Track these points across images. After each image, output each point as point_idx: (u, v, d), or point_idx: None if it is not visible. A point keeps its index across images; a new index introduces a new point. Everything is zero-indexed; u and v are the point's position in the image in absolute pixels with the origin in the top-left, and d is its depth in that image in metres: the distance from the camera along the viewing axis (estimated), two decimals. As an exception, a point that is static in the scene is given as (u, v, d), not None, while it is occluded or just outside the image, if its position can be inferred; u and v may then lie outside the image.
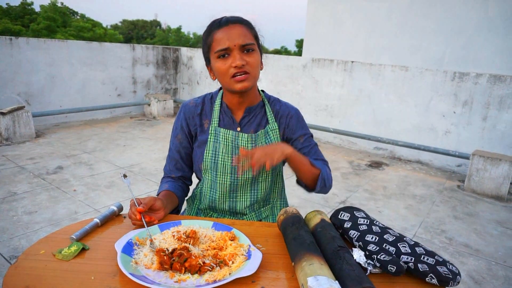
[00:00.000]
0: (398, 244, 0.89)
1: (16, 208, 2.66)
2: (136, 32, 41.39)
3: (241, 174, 1.18)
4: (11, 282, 0.77)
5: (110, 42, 6.61)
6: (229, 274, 0.82)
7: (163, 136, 4.94)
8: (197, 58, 6.71)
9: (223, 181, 1.20)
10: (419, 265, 0.83)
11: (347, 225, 0.98)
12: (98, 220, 1.01)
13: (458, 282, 0.82)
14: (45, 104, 5.15)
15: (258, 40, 1.16)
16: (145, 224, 0.98)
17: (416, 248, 0.88)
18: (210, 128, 1.21)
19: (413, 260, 0.84)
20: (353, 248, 0.90)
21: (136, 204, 1.01)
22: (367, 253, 0.88)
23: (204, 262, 0.84)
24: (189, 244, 0.91)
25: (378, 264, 0.84)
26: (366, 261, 0.85)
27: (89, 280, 0.79)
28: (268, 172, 1.22)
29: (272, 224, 1.11)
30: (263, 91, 1.28)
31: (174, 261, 0.85)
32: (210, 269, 0.84)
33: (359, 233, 0.94)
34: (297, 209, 1.04)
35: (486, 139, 4.07)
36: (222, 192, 1.21)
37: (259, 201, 1.25)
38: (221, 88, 1.25)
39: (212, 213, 1.28)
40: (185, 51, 6.94)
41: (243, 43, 1.08)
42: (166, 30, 45.17)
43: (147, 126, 5.55)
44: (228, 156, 1.19)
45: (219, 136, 1.19)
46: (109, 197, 2.95)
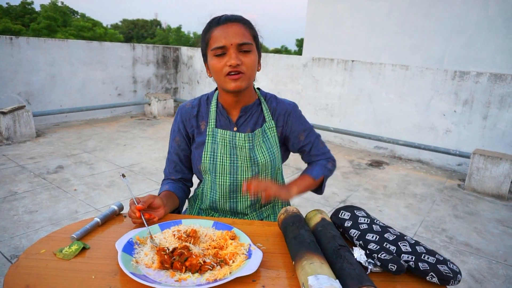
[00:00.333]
0: (399, 243, 0.89)
1: (17, 208, 2.66)
2: (136, 32, 41.37)
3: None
4: (12, 281, 0.77)
5: (110, 41, 6.59)
6: (230, 273, 0.82)
7: (163, 136, 4.94)
8: (197, 58, 6.71)
9: (223, 182, 1.19)
10: (420, 264, 0.83)
11: (347, 224, 0.98)
12: (98, 220, 1.01)
13: (459, 281, 0.82)
14: (46, 104, 5.15)
15: (257, 41, 1.14)
16: (144, 221, 0.98)
17: (416, 247, 0.87)
18: (208, 130, 1.20)
19: (413, 259, 0.84)
20: (353, 247, 0.90)
21: (135, 202, 1.01)
22: (367, 252, 0.88)
23: (204, 261, 0.84)
24: (190, 243, 0.91)
25: (378, 263, 0.84)
26: (367, 260, 0.85)
27: (90, 279, 0.79)
28: (267, 172, 1.22)
29: (272, 223, 1.11)
30: (259, 89, 1.27)
31: (175, 260, 0.85)
32: (211, 268, 0.84)
33: (359, 232, 0.94)
34: (297, 208, 1.04)
35: (486, 138, 4.07)
36: (222, 193, 1.21)
37: (260, 201, 1.25)
38: (216, 89, 1.25)
39: (213, 213, 1.28)
40: (185, 51, 6.94)
41: (240, 42, 1.06)
42: (166, 30, 45.15)
43: (147, 125, 5.55)
44: (226, 157, 1.18)
45: (217, 137, 1.19)
46: (109, 197, 2.95)
